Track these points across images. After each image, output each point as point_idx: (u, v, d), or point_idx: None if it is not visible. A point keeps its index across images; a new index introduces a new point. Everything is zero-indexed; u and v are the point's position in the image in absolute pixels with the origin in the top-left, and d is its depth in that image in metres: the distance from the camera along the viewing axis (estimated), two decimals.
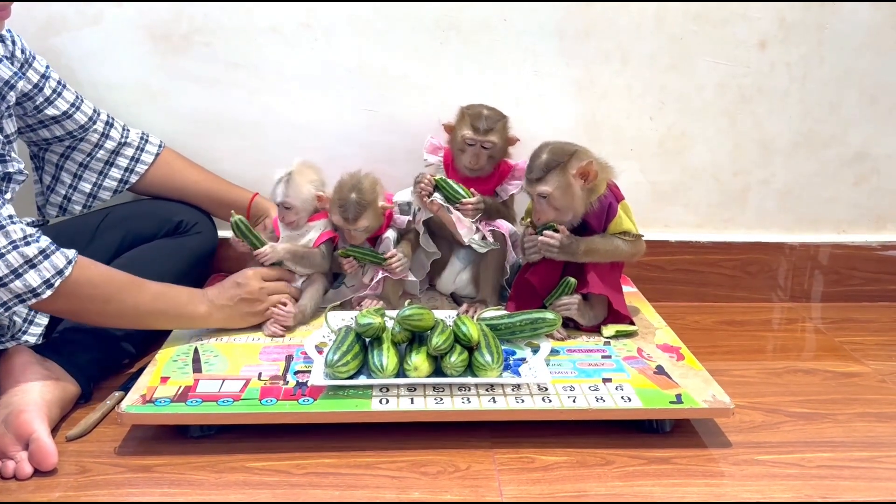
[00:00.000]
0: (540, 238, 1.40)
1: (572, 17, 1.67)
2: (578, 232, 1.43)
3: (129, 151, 1.57)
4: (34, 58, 1.43)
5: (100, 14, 1.62)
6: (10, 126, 1.35)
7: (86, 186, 1.55)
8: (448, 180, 1.51)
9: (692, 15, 1.68)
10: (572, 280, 1.41)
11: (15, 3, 1.26)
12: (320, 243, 1.52)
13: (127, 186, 1.59)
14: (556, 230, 1.39)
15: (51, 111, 1.45)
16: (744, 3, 1.68)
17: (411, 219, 1.57)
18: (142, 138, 1.60)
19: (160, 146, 1.61)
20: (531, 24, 1.67)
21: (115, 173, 1.57)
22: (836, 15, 1.70)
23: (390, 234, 1.55)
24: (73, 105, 1.48)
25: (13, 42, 1.37)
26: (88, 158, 1.54)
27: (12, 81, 1.31)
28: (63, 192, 1.55)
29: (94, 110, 1.53)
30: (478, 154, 1.52)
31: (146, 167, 1.59)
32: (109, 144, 1.55)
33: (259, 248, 1.47)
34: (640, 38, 1.69)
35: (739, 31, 1.70)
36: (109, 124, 1.56)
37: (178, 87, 1.68)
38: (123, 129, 1.58)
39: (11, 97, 1.32)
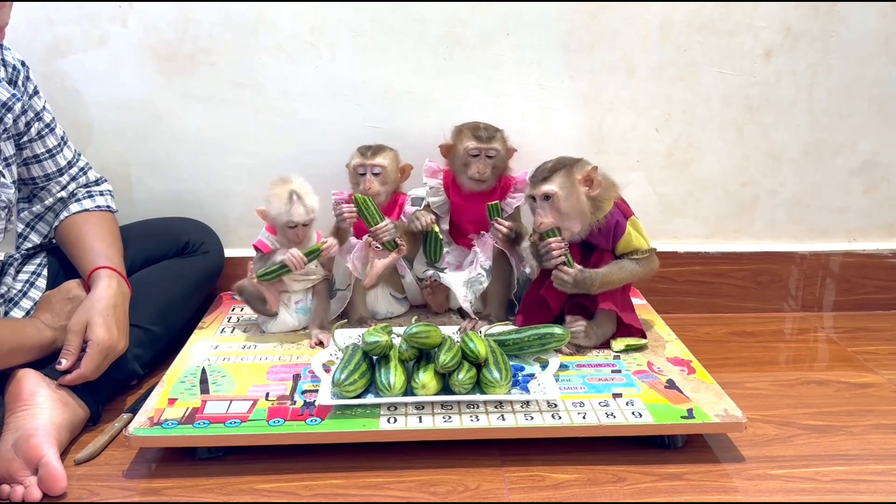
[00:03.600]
0: (553, 272, 1.39)
1: (577, 30, 1.67)
2: (585, 251, 1.42)
3: (75, 207, 1.47)
4: (37, 94, 1.41)
5: (105, 36, 1.64)
6: (9, 149, 1.35)
7: (35, 238, 1.48)
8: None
9: (697, 26, 1.68)
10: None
11: (21, 27, 1.26)
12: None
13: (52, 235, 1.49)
14: (557, 235, 1.39)
15: (26, 152, 1.40)
16: (751, 6, 1.67)
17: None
18: (89, 196, 1.49)
19: (102, 208, 1.49)
20: (535, 39, 1.67)
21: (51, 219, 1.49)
22: (842, 23, 1.69)
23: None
24: (48, 151, 1.43)
25: (15, 69, 1.36)
26: (44, 209, 1.47)
27: (10, 103, 1.31)
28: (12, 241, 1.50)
29: (69, 162, 1.47)
30: (483, 163, 1.52)
31: (69, 215, 1.47)
32: (62, 194, 1.47)
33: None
34: (645, 50, 1.69)
35: (745, 42, 1.69)
36: (73, 178, 1.48)
37: (183, 106, 1.69)
38: (85, 186, 1.50)
39: (9, 119, 1.32)
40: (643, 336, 1.46)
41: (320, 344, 1.47)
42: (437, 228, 1.56)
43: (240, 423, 1.20)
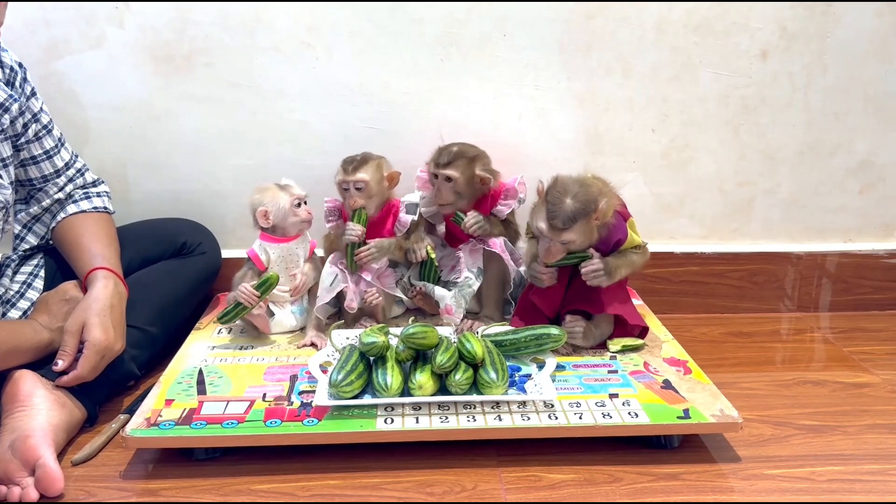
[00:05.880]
0: (583, 271, 1.38)
1: (573, 31, 1.67)
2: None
3: (72, 208, 1.47)
4: (34, 95, 1.40)
5: (102, 37, 1.64)
6: (7, 150, 1.35)
7: (32, 240, 1.48)
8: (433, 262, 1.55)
9: (693, 26, 1.68)
10: None
11: (18, 27, 1.26)
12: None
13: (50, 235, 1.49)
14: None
15: (24, 153, 1.40)
16: (747, 7, 1.67)
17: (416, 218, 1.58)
18: (87, 197, 1.49)
19: (99, 209, 1.49)
20: (532, 39, 1.67)
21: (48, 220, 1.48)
22: (838, 23, 1.70)
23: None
24: (45, 153, 1.42)
25: (12, 70, 1.36)
26: (41, 211, 1.47)
27: (7, 104, 1.31)
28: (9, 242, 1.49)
29: (66, 164, 1.46)
30: (440, 189, 1.51)
31: (66, 216, 1.46)
32: (59, 196, 1.46)
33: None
34: (641, 51, 1.69)
35: (741, 42, 1.70)
36: (71, 180, 1.47)
37: (180, 107, 1.69)
38: (83, 187, 1.49)
39: (6, 120, 1.32)
40: (645, 332, 1.46)
41: (312, 345, 1.47)
42: (433, 255, 1.56)
43: (237, 424, 1.20)
